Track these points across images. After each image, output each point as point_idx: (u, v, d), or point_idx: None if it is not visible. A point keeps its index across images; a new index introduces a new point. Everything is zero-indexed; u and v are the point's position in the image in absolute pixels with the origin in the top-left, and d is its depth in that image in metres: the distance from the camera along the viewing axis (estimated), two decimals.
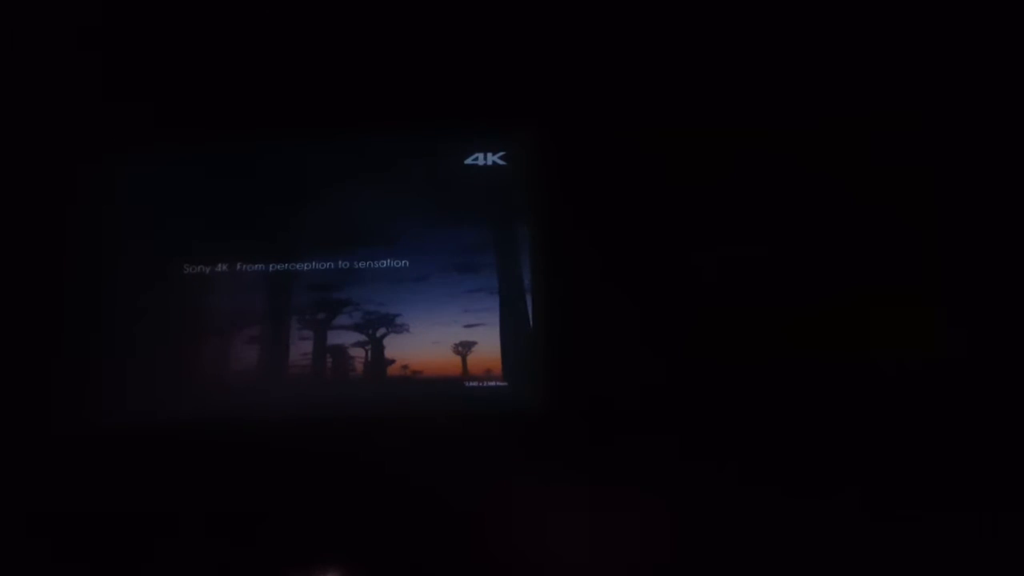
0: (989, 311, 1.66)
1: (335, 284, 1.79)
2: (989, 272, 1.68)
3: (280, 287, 1.79)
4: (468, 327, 1.77)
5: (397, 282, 1.79)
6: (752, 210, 1.76)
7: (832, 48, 1.76)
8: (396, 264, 1.80)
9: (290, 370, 1.76)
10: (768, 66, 1.79)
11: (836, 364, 1.69)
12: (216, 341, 1.76)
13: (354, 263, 1.79)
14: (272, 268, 1.80)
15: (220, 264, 1.79)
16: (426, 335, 1.77)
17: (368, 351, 1.77)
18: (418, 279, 1.79)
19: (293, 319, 1.78)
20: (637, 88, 1.81)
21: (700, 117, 1.80)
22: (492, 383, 1.75)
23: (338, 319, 1.78)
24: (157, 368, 1.74)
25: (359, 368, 1.76)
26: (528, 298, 1.78)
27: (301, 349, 1.77)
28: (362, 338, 1.77)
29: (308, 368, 1.76)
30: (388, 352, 1.77)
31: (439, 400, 1.74)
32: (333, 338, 1.77)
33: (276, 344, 1.77)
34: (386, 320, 1.77)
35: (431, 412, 1.72)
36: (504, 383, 1.75)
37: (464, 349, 1.76)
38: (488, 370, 1.75)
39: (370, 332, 1.78)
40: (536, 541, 1.53)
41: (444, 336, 1.76)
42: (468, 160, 1.84)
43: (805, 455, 1.63)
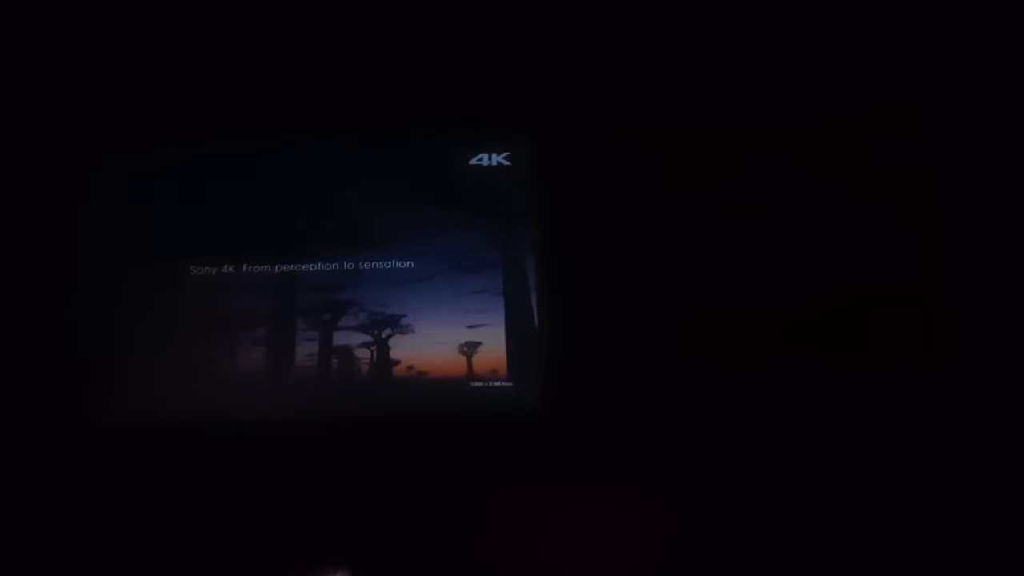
0: (989, 311, 1.67)
1: (340, 285, 1.79)
2: (989, 272, 1.69)
3: (285, 288, 1.79)
4: (473, 327, 1.77)
5: (402, 283, 1.79)
6: (752, 210, 1.77)
7: (832, 48, 1.77)
8: (401, 265, 1.80)
9: (296, 371, 1.76)
10: (768, 66, 1.79)
11: (836, 364, 1.70)
12: (220, 342, 1.76)
13: (359, 264, 1.79)
14: (277, 269, 1.79)
15: (226, 265, 1.78)
16: (431, 336, 1.77)
17: (373, 352, 1.77)
18: (423, 280, 1.79)
19: (298, 320, 1.78)
20: (637, 89, 1.81)
21: (700, 117, 1.80)
22: (497, 383, 1.76)
23: (343, 320, 1.78)
24: (159, 368, 1.74)
25: (364, 369, 1.77)
26: (533, 298, 1.78)
27: (306, 350, 1.77)
28: (367, 339, 1.77)
29: (314, 369, 1.76)
30: (394, 353, 1.77)
31: (445, 401, 1.74)
32: (338, 339, 1.77)
33: (281, 345, 1.77)
34: (391, 321, 1.78)
35: (437, 412, 1.73)
36: (509, 383, 1.76)
37: (469, 349, 1.77)
38: (494, 370, 1.76)
39: (375, 333, 1.78)
40: (542, 541, 1.54)
41: (449, 337, 1.77)
42: (473, 160, 1.84)
43: (805, 455, 1.64)
